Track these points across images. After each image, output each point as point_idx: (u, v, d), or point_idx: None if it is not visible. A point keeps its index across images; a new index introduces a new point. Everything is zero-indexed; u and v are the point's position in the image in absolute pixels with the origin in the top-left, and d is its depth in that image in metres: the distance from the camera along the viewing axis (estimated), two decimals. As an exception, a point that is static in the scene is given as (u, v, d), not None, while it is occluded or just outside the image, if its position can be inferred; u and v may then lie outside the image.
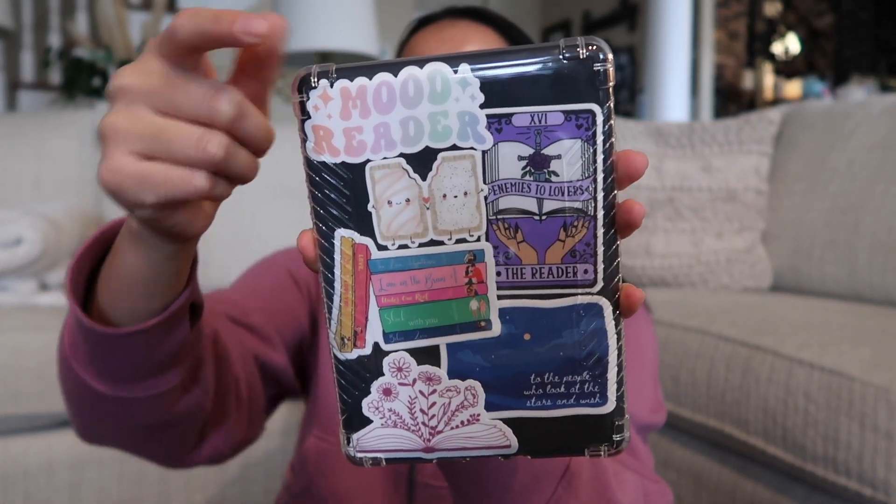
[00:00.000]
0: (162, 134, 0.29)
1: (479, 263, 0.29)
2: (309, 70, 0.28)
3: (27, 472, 1.11)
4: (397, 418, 0.31)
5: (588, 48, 0.27)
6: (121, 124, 0.29)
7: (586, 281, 0.29)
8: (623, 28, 4.69)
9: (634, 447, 0.58)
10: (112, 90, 0.30)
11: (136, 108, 0.30)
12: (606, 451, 0.30)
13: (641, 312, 0.68)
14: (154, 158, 0.30)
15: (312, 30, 2.01)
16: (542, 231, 0.29)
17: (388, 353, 0.30)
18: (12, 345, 1.08)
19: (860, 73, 5.10)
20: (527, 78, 0.27)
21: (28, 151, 1.55)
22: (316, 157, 0.29)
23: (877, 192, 1.30)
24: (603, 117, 0.27)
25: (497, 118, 0.28)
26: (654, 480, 0.57)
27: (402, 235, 0.29)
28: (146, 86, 0.30)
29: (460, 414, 0.30)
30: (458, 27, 0.66)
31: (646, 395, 0.62)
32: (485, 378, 0.30)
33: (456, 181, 0.28)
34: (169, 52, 0.29)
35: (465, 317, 0.30)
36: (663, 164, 1.56)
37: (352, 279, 0.30)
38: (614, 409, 0.30)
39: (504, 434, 0.30)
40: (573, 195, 0.28)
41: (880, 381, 0.83)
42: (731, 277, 1.48)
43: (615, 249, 0.29)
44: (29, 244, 1.19)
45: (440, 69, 0.27)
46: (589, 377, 0.30)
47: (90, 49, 2.49)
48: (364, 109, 0.28)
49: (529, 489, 0.40)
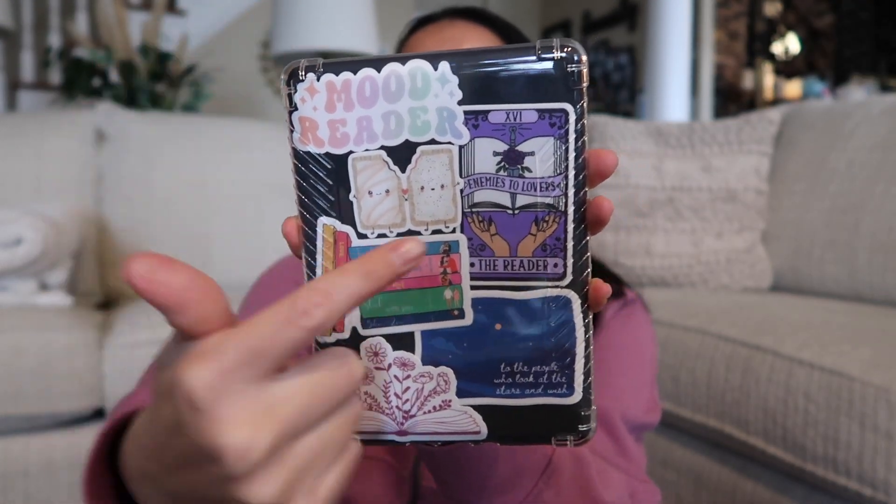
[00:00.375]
0: (328, 447, 0.25)
1: (453, 254, 0.30)
2: (298, 64, 0.29)
3: (27, 472, 1.11)
4: (372, 401, 0.31)
5: (563, 50, 0.28)
6: (287, 484, 0.24)
7: (556, 274, 0.30)
8: (623, 28, 4.69)
9: (626, 447, 0.57)
10: (250, 455, 0.23)
11: (287, 452, 0.24)
12: (572, 441, 0.31)
13: (640, 312, 0.68)
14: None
15: (312, 30, 2.01)
16: (515, 225, 0.30)
17: (365, 337, 0.31)
18: (12, 345, 1.08)
19: (860, 73, 5.10)
20: (503, 77, 0.28)
21: (28, 151, 1.55)
22: (302, 147, 0.30)
23: (877, 192, 1.30)
24: (576, 116, 0.28)
25: (474, 115, 0.29)
26: (643, 480, 0.57)
27: (381, 225, 0.30)
28: (293, 422, 0.24)
29: (432, 399, 0.31)
30: (457, 28, 0.67)
31: (641, 395, 0.62)
32: (457, 365, 0.31)
33: (433, 174, 0.29)
34: (305, 346, 0.25)
35: (440, 305, 0.31)
36: (663, 164, 1.56)
37: (332, 266, 0.31)
38: (581, 400, 0.31)
39: (474, 420, 0.31)
40: (545, 191, 0.29)
41: (880, 381, 0.83)
42: (731, 277, 1.48)
43: (585, 244, 0.30)
44: (29, 244, 1.19)
45: (421, 66, 0.29)
46: (557, 368, 0.31)
47: (90, 49, 2.49)
48: (348, 103, 0.29)
49: (510, 482, 0.41)
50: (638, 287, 0.84)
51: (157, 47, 2.52)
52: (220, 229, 1.66)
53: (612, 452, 0.56)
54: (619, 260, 1.53)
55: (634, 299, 0.69)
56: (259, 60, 3.69)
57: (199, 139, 1.70)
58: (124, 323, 1.22)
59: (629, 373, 0.63)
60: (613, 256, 1.54)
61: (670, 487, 1.17)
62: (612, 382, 0.60)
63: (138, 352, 1.17)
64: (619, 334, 0.64)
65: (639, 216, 1.55)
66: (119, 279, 1.56)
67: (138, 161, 1.62)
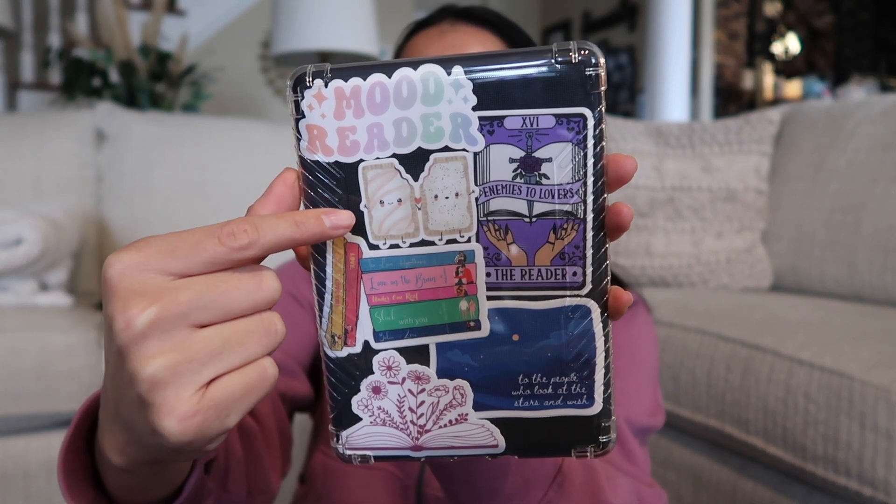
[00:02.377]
0: (227, 348, 0.26)
1: (469, 264, 0.29)
2: (304, 69, 0.28)
3: (27, 472, 1.11)
4: (386, 416, 0.31)
5: (580, 52, 0.27)
6: (172, 362, 0.25)
7: (575, 283, 0.29)
8: (623, 28, 4.69)
9: (631, 451, 0.57)
10: (133, 324, 0.25)
11: (179, 335, 0.26)
12: (593, 453, 0.30)
13: (642, 314, 0.68)
14: (219, 376, 0.27)
15: (312, 30, 2.01)
16: (532, 233, 0.29)
17: (377, 351, 0.30)
18: (12, 345, 1.08)
19: (860, 73, 5.11)
20: (519, 81, 0.27)
21: (28, 151, 1.55)
22: (310, 156, 0.29)
23: (877, 192, 1.30)
24: (594, 121, 0.27)
25: (489, 120, 0.28)
26: (649, 484, 0.56)
27: (393, 235, 0.29)
28: (185, 305, 0.26)
29: (448, 413, 0.31)
30: (458, 32, 0.65)
31: (645, 398, 0.62)
32: (473, 378, 0.30)
33: (447, 182, 0.29)
34: (223, 264, 0.27)
35: (455, 317, 0.30)
36: (663, 164, 1.56)
37: (343, 278, 0.30)
38: (601, 411, 0.30)
39: (492, 434, 0.30)
40: (563, 198, 0.28)
41: (880, 381, 0.83)
42: (731, 277, 1.48)
43: (604, 252, 0.29)
44: (29, 244, 1.19)
45: (433, 71, 0.28)
46: (576, 378, 0.30)
47: (90, 49, 2.49)
48: (358, 109, 0.28)
49: (520, 492, 0.40)
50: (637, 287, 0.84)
51: (157, 47, 2.52)
52: (220, 229, 1.66)
53: (618, 457, 0.56)
54: (619, 260, 1.53)
55: (637, 301, 0.68)
56: (259, 60, 3.69)
57: (199, 139, 1.70)
58: (124, 323, 1.22)
59: (633, 376, 0.62)
60: (613, 257, 1.54)
61: (670, 487, 1.17)
62: (616, 386, 0.59)
63: (138, 352, 1.17)
64: (621, 337, 0.63)
65: (639, 216, 1.55)
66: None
67: (138, 161, 1.62)
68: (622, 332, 0.64)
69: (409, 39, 0.68)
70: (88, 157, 1.61)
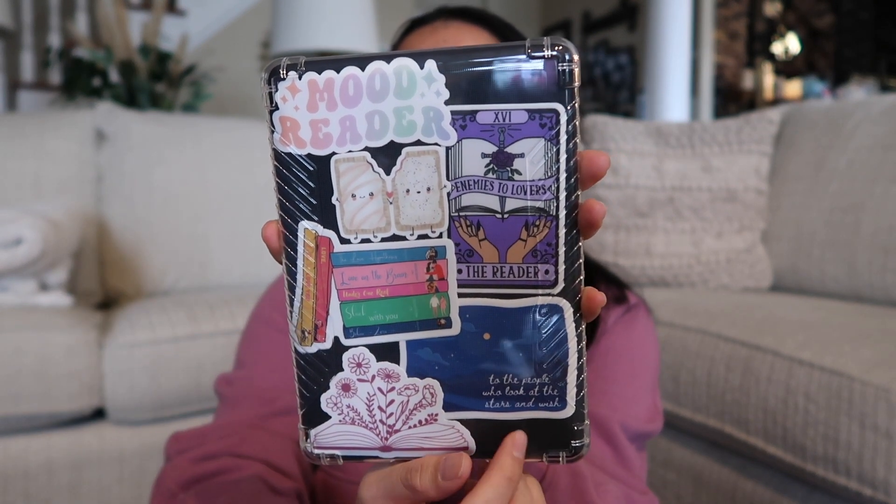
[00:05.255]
0: None
1: (440, 260, 0.29)
2: (279, 62, 0.28)
3: (27, 472, 1.11)
4: (355, 415, 0.30)
5: (554, 48, 0.27)
6: None
7: (547, 281, 0.29)
8: (623, 28, 4.69)
9: (626, 456, 0.56)
10: None
11: None
12: (565, 458, 0.30)
13: (643, 317, 0.67)
14: None
15: (312, 30, 2.01)
16: (504, 229, 0.28)
17: (347, 347, 0.30)
18: (12, 345, 1.08)
19: (860, 73, 5.10)
20: (492, 76, 0.27)
21: (28, 151, 1.54)
22: (283, 148, 0.29)
23: (877, 192, 1.30)
24: (567, 117, 0.27)
25: (461, 115, 0.28)
26: (643, 492, 0.55)
27: (364, 229, 0.29)
28: None
29: (418, 413, 0.30)
30: (451, 29, 0.64)
31: (643, 404, 0.61)
32: (444, 377, 0.30)
33: (419, 176, 0.28)
34: None
35: (426, 314, 0.29)
36: (663, 164, 1.56)
37: (314, 272, 0.29)
38: (574, 414, 0.29)
39: (462, 435, 0.30)
40: (535, 194, 0.28)
41: (880, 381, 0.83)
42: (731, 277, 1.48)
43: (577, 250, 0.29)
44: (29, 244, 1.19)
45: (406, 64, 0.28)
46: (548, 380, 0.29)
47: (90, 49, 2.49)
48: (331, 102, 0.28)
49: None
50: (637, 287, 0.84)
51: (157, 47, 2.52)
52: (219, 229, 1.66)
53: (611, 462, 0.55)
54: (619, 260, 1.53)
55: (638, 304, 0.67)
56: (259, 60, 3.68)
57: (199, 139, 1.70)
58: (124, 323, 1.22)
59: (631, 380, 0.61)
60: (613, 257, 1.54)
61: (670, 487, 1.17)
62: (614, 390, 0.59)
63: (138, 352, 1.17)
64: (621, 340, 0.62)
65: (639, 216, 1.55)
66: (119, 279, 1.56)
67: (138, 161, 1.62)
68: (622, 335, 0.63)
69: (405, 37, 0.68)
70: (88, 156, 1.61)
